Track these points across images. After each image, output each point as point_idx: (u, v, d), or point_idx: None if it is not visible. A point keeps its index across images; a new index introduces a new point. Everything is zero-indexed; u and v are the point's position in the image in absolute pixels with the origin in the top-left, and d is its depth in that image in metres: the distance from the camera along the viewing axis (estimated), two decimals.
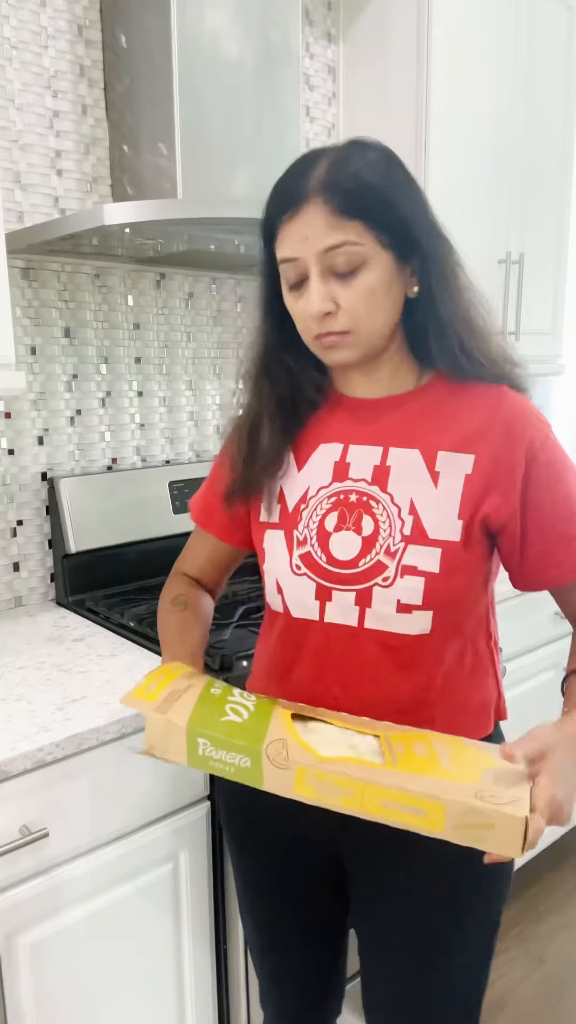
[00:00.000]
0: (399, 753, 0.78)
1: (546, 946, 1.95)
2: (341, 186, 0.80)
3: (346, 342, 0.87)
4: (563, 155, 2.22)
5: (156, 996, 1.26)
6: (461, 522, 0.86)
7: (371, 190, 0.81)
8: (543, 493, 0.86)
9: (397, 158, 0.87)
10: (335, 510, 0.91)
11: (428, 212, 0.87)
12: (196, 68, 1.46)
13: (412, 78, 1.82)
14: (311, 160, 0.84)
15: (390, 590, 0.87)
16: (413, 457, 0.89)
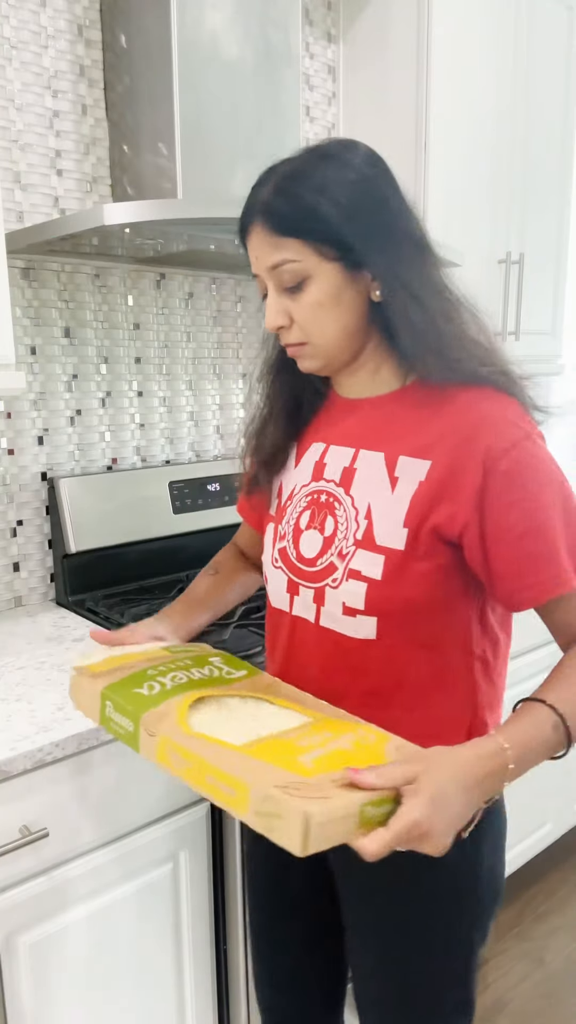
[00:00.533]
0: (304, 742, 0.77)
1: (546, 946, 1.95)
2: (275, 208, 0.83)
3: (305, 352, 0.89)
4: (563, 155, 2.22)
5: (156, 996, 1.26)
6: (407, 530, 0.84)
7: (303, 208, 0.82)
8: (503, 505, 0.80)
9: (356, 160, 0.84)
10: (308, 508, 0.93)
11: (387, 214, 0.84)
12: (196, 68, 1.46)
13: (412, 78, 1.82)
14: (263, 179, 0.86)
15: (337, 592, 0.88)
16: (377, 460, 0.88)
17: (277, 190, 0.83)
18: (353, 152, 0.85)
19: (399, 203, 0.86)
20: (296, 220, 0.82)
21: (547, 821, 2.10)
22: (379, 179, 0.85)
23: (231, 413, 1.98)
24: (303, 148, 0.87)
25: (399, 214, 0.85)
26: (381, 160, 0.87)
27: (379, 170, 0.86)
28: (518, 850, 2.01)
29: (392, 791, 0.68)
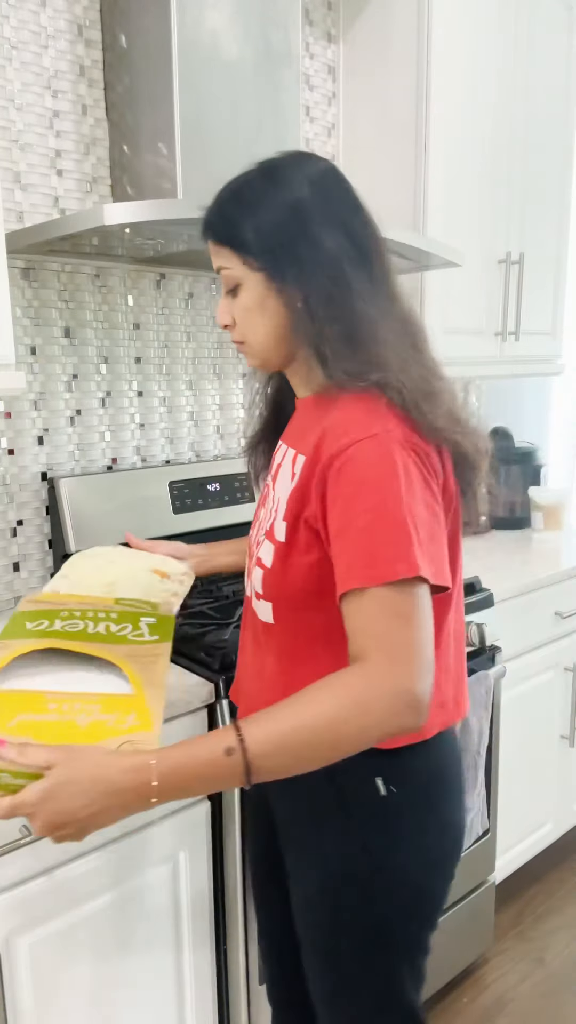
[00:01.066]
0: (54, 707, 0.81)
1: (546, 946, 1.95)
2: (213, 219, 0.93)
3: (244, 350, 0.99)
4: (563, 155, 2.22)
5: (156, 996, 1.26)
6: (285, 523, 0.90)
7: (232, 222, 0.91)
8: (330, 501, 0.84)
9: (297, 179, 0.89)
10: (260, 502, 1.04)
11: (310, 234, 0.87)
12: (196, 68, 1.46)
13: (412, 78, 1.82)
14: (219, 191, 0.95)
15: (252, 577, 0.97)
16: (290, 457, 0.95)
17: (219, 202, 0.93)
18: (297, 170, 0.91)
19: (334, 221, 0.89)
20: (227, 232, 0.92)
21: (547, 821, 2.10)
22: (316, 198, 0.89)
23: (231, 413, 1.98)
24: (260, 161, 0.94)
25: (329, 233, 0.88)
26: (330, 177, 0.92)
27: (319, 188, 0.90)
28: (518, 850, 2.01)
29: (31, 769, 0.72)
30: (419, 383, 0.86)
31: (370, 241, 0.92)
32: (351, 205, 0.92)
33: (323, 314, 0.87)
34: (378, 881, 0.95)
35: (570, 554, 2.11)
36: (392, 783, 0.92)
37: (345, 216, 0.90)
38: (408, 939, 0.99)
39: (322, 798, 0.95)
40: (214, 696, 1.24)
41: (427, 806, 0.96)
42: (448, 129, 1.86)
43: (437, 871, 0.98)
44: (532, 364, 2.28)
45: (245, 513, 1.90)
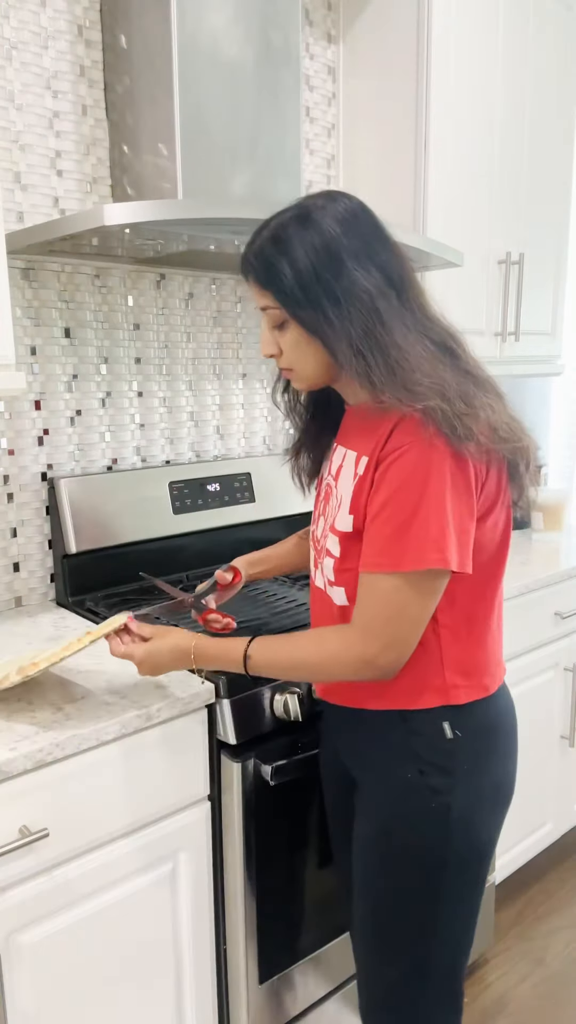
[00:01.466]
0: None
1: (546, 946, 1.95)
2: (254, 265, 1.01)
3: (292, 376, 1.09)
4: (563, 155, 2.22)
5: (156, 996, 1.26)
6: (352, 516, 1.02)
7: (272, 269, 0.98)
8: (374, 493, 0.97)
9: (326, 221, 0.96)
10: (320, 498, 1.14)
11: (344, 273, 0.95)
12: (196, 69, 1.46)
13: (412, 78, 1.82)
14: (254, 234, 1.02)
15: (324, 566, 1.10)
16: (350, 458, 1.05)
17: (258, 249, 1.00)
18: (324, 211, 0.98)
19: (365, 257, 0.97)
20: (268, 277, 0.99)
21: (547, 821, 2.10)
22: (347, 237, 0.96)
23: (231, 413, 1.98)
24: (291, 204, 1.01)
25: (361, 269, 0.96)
26: (359, 215, 0.99)
27: (349, 227, 0.97)
28: (518, 850, 2.01)
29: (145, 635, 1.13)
30: (456, 404, 0.93)
31: (401, 271, 0.99)
32: (380, 239, 0.99)
33: (364, 348, 0.95)
34: (439, 820, 1.04)
35: (570, 554, 2.11)
36: (458, 729, 1.04)
37: (375, 250, 0.98)
38: (454, 891, 1.06)
39: (396, 743, 1.06)
40: (214, 696, 1.24)
41: (487, 753, 1.07)
42: (448, 129, 1.86)
43: (489, 816, 1.08)
44: (532, 364, 2.28)
45: (245, 513, 1.90)
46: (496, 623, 1.11)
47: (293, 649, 1.04)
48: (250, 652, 1.05)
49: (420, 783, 1.04)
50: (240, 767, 1.26)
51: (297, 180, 1.67)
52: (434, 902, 1.06)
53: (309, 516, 2.17)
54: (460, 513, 0.94)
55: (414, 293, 1.01)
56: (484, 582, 1.05)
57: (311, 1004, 1.46)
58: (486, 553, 1.03)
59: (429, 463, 0.92)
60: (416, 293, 1.01)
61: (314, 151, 2.00)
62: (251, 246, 1.01)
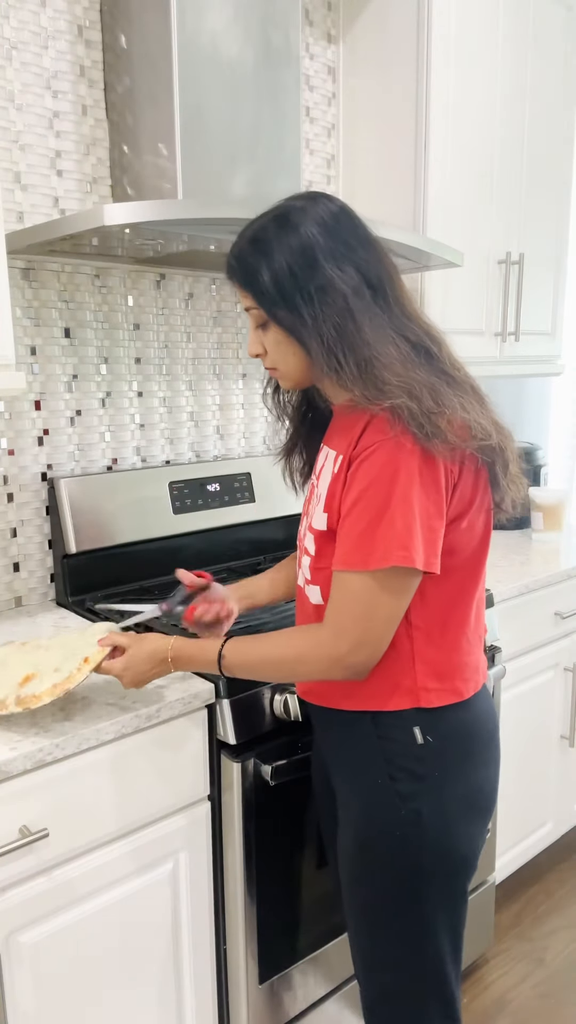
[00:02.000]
0: None
1: (546, 946, 1.95)
2: (234, 266, 1.03)
3: (277, 375, 1.10)
4: (563, 155, 2.22)
5: (156, 996, 1.26)
6: (326, 515, 1.03)
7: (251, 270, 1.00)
8: (346, 491, 0.98)
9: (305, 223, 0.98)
10: (307, 496, 1.15)
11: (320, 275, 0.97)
12: (196, 69, 1.46)
13: (412, 78, 1.82)
14: (238, 236, 1.04)
15: (302, 564, 1.11)
16: (331, 457, 1.05)
17: (238, 251, 1.03)
18: (307, 213, 0.99)
19: (343, 258, 0.98)
20: (247, 279, 1.02)
21: (547, 821, 2.10)
22: (325, 239, 0.98)
23: (231, 413, 1.98)
24: (274, 205, 1.03)
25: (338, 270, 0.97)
26: (339, 216, 1.00)
27: (327, 228, 0.98)
28: (518, 850, 2.01)
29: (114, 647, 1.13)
30: (424, 403, 0.93)
31: (380, 271, 1.00)
32: (360, 239, 1.01)
33: (335, 347, 0.97)
34: (410, 828, 1.03)
35: (570, 554, 2.11)
36: (430, 734, 1.03)
37: (353, 251, 0.99)
38: (439, 895, 1.06)
39: (366, 746, 1.06)
40: (214, 696, 1.24)
41: (460, 760, 1.05)
42: (448, 129, 1.86)
43: (465, 826, 1.06)
44: (532, 364, 2.28)
45: (245, 513, 1.90)
46: (473, 628, 1.09)
47: (264, 649, 1.05)
48: (224, 652, 1.06)
49: (390, 789, 1.04)
50: (240, 767, 1.26)
51: (297, 180, 1.67)
52: (414, 912, 1.06)
53: None
54: (428, 512, 0.94)
55: (394, 293, 1.01)
56: (460, 584, 1.04)
57: (311, 1004, 1.46)
58: (461, 555, 1.02)
59: (397, 462, 0.93)
60: (397, 293, 1.02)
61: (314, 151, 2.00)
62: (233, 248, 1.04)
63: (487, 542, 1.07)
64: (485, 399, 1.03)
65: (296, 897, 1.39)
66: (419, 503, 0.93)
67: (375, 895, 1.08)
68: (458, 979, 1.12)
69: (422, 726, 1.03)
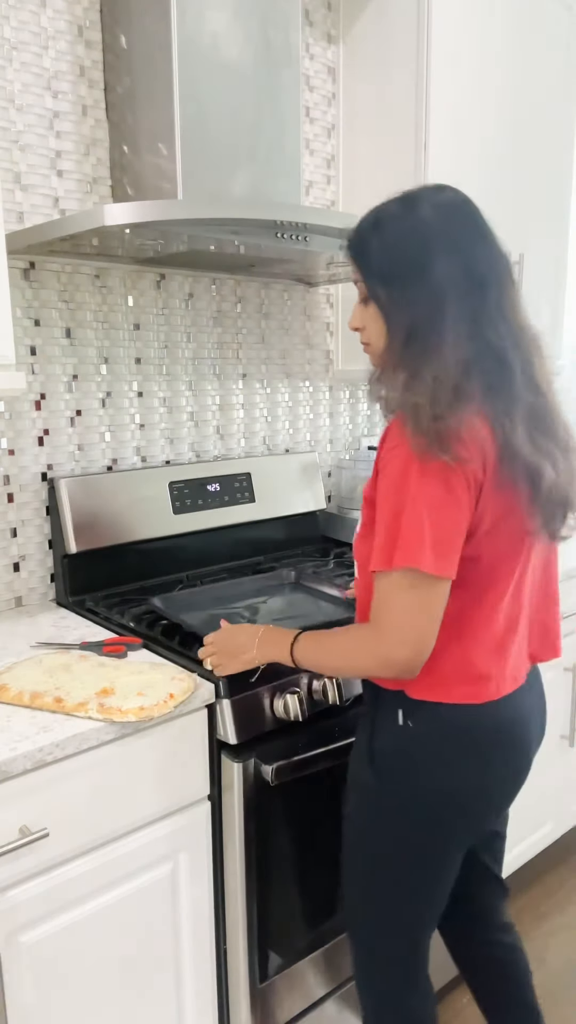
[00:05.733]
0: None
1: (546, 946, 1.95)
2: (351, 236, 1.06)
3: (368, 352, 1.11)
4: (563, 155, 2.22)
5: (156, 996, 1.26)
6: (364, 501, 1.09)
7: (362, 241, 1.04)
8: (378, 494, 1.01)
9: (423, 206, 1.00)
10: None
11: (423, 258, 0.98)
12: (196, 69, 1.46)
13: (412, 79, 1.82)
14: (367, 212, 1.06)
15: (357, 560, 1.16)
16: None
17: (360, 225, 1.05)
18: (428, 198, 1.02)
19: (452, 247, 0.99)
20: (359, 250, 1.05)
21: (547, 821, 2.10)
22: (438, 223, 1.00)
23: (231, 413, 1.98)
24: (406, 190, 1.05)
25: (444, 258, 0.98)
26: (459, 206, 1.03)
27: (443, 215, 1.00)
28: (518, 850, 2.01)
29: None
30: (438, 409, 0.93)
31: (488, 270, 1.01)
32: (476, 234, 1.02)
33: (410, 336, 0.99)
34: (385, 803, 1.11)
35: (570, 554, 2.11)
36: (410, 720, 1.08)
37: (465, 244, 1.00)
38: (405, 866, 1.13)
39: (363, 728, 1.15)
40: (214, 696, 1.24)
41: (434, 756, 1.08)
42: (448, 129, 1.86)
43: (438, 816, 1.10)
44: None
45: (245, 513, 1.90)
46: (498, 639, 1.07)
47: (327, 647, 1.11)
48: (295, 648, 1.13)
49: (369, 767, 1.12)
50: (240, 767, 1.26)
51: (297, 180, 1.67)
52: (367, 884, 1.17)
53: (309, 516, 2.18)
54: (440, 517, 0.95)
55: (497, 295, 1.01)
56: (476, 594, 1.04)
57: (311, 1004, 1.46)
58: (480, 564, 1.02)
59: (409, 469, 0.95)
60: (500, 295, 1.01)
61: (314, 151, 2.00)
62: (358, 223, 1.06)
63: (517, 558, 1.06)
64: (544, 421, 1.02)
65: (296, 897, 1.39)
66: (428, 509, 0.94)
67: (350, 844, 1.18)
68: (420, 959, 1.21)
69: (405, 710, 1.08)
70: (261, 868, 1.31)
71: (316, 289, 2.09)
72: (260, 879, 1.32)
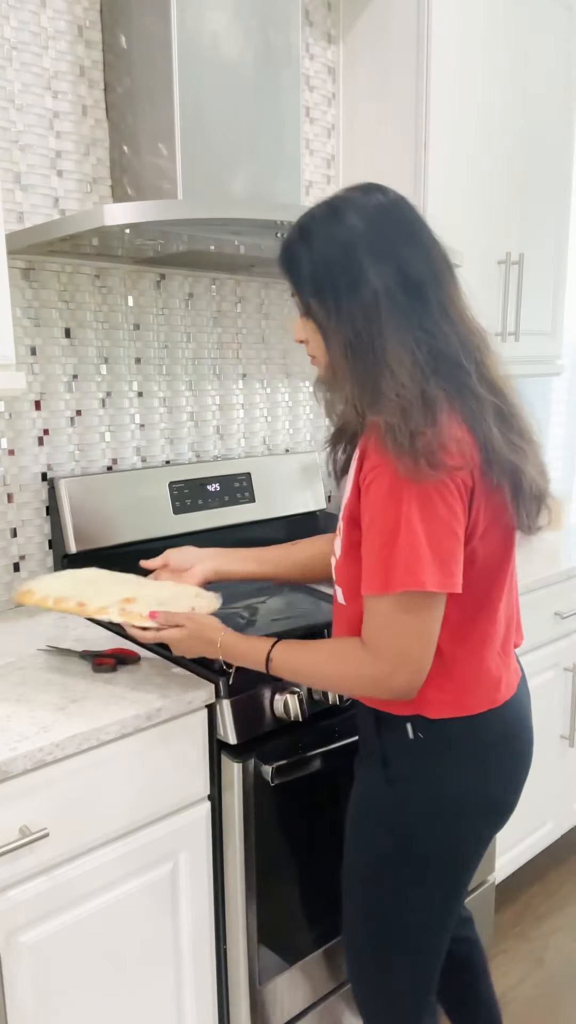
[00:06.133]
0: None
1: (546, 946, 1.95)
2: (281, 252, 1.03)
3: (317, 365, 1.07)
4: (563, 155, 2.22)
5: (156, 996, 1.26)
6: (342, 522, 1.05)
7: (293, 257, 1.01)
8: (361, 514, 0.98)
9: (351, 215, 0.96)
10: None
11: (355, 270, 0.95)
12: (196, 69, 1.46)
13: (412, 78, 1.82)
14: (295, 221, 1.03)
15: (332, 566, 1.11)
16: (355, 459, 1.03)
17: (287, 237, 1.02)
18: (352, 204, 0.97)
19: (384, 254, 0.95)
20: (289, 265, 1.01)
21: (547, 821, 2.10)
22: (369, 232, 0.95)
23: (231, 413, 1.98)
24: (334, 193, 1.02)
25: (376, 267, 0.94)
26: (390, 209, 0.98)
27: (373, 222, 0.96)
28: (518, 850, 2.01)
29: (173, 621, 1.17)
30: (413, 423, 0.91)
31: (424, 270, 0.97)
32: (409, 236, 0.98)
33: (349, 349, 0.96)
34: (392, 815, 1.09)
35: (570, 554, 2.11)
36: (420, 732, 1.06)
37: (397, 247, 0.96)
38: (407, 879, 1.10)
39: (367, 738, 1.12)
40: (214, 696, 1.24)
41: (454, 760, 1.07)
42: (448, 129, 1.86)
43: (449, 822, 1.08)
44: (532, 364, 2.28)
45: (245, 513, 1.90)
46: (500, 642, 1.08)
47: (313, 660, 1.07)
48: (272, 656, 1.09)
49: (381, 775, 1.09)
50: (240, 767, 1.26)
51: (297, 180, 1.67)
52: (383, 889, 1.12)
53: (309, 516, 2.18)
54: (435, 533, 0.92)
55: (438, 295, 0.97)
56: (477, 599, 1.03)
57: (311, 1004, 1.46)
58: (475, 569, 1.00)
59: (398, 488, 0.92)
60: (442, 295, 0.98)
61: (314, 151, 2.01)
62: (287, 234, 1.03)
63: (508, 556, 1.06)
64: (510, 419, 1.00)
65: (296, 897, 1.39)
66: (424, 526, 0.91)
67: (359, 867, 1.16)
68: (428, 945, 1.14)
69: (413, 724, 1.06)
70: (261, 868, 1.31)
71: None
72: (260, 879, 1.32)
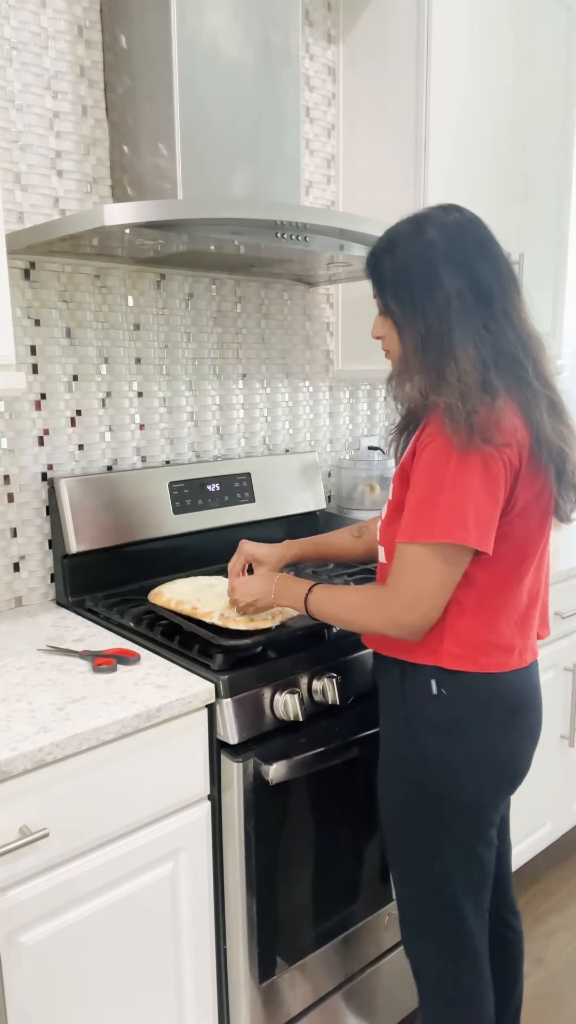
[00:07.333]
0: None
1: (546, 946, 1.95)
2: (369, 256, 1.18)
3: (390, 359, 1.21)
4: (563, 155, 2.22)
5: (156, 996, 1.27)
6: (394, 484, 1.17)
7: (376, 261, 1.16)
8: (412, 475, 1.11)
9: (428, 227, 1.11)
10: None
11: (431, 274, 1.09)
12: (196, 69, 1.46)
13: (412, 78, 1.82)
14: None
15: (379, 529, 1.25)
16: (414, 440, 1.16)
17: (375, 245, 1.17)
18: (432, 220, 1.12)
19: (457, 263, 1.09)
20: (373, 268, 1.17)
21: (547, 821, 2.10)
22: (444, 243, 1.09)
23: (231, 413, 1.98)
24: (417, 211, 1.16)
25: (450, 273, 1.08)
26: (464, 225, 1.12)
27: (449, 234, 1.10)
28: (518, 850, 2.01)
29: None
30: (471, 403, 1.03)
31: (492, 281, 1.10)
32: (481, 251, 1.11)
33: (421, 343, 1.10)
34: (417, 767, 1.18)
35: (570, 554, 2.11)
36: (444, 688, 1.15)
37: (471, 260, 1.09)
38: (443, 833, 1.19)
39: (393, 688, 1.21)
40: (214, 696, 1.24)
41: (475, 715, 1.16)
42: (448, 129, 1.86)
43: (474, 774, 1.17)
44: None
45: (245, 513, 1.90)
46: (521, 614, 1.18)
47: (340, 600, 1.21)
48: (310, 596, 1.23)
49: (405, 729, 1.19)
50: (240, 767, 1.26)
51: (297, 180, 1.67)
52: (422, 839, 1.20)
53: (309, 516, 2.18)
54: (479, 497, 1.04)
55: (503, 304, 1.10)
56: (505, 571, 1.13)
57: (311, 1004, 1.47)
58: (509, 543, 1.11)
59: (450, 452, 1.04)
60: (506, 304, 1.10)
61: (314, 151, 2.01)
62: (375, 244, 1.18)
63: (541, 537, 1.17)
64: (563, 411, 1.13)
65: (296, 897, 1.39)
66: (468, 487, 1.03)
67: (390, 818, 1.25)
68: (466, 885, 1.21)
69: (438, 680, 1.15)
70: (261, 868, 1.32)
71: (316, 289, 2.09)
72: (260, 879, 1.32)
